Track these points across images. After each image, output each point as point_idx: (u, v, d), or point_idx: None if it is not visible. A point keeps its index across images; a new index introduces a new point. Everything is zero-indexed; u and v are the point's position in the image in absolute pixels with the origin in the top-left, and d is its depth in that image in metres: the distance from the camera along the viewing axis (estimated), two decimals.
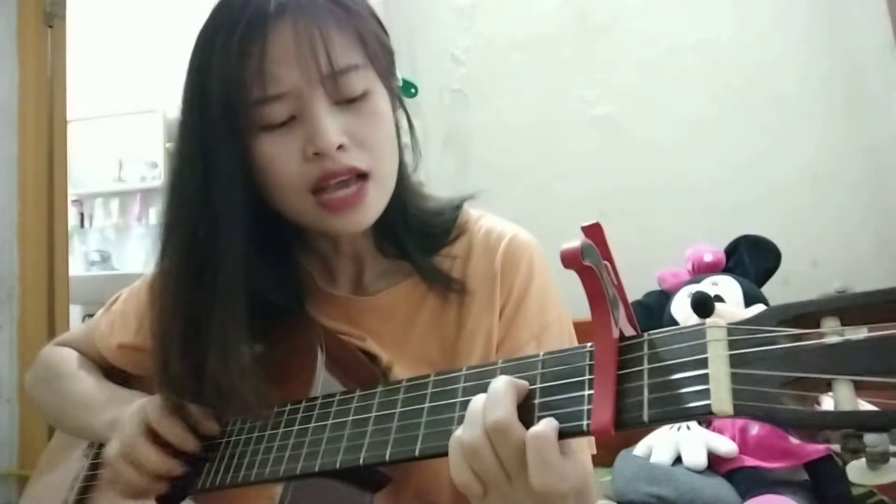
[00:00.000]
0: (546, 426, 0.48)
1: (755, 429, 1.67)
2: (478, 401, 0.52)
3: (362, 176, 0.70)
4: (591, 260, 0.45)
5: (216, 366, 0.67)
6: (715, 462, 1.68)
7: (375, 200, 0.72)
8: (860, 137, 2.24)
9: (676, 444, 1.71)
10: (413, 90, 0.79)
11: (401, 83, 0.86)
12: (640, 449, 1.78)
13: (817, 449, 1.59)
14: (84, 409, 0.83)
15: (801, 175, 2.28)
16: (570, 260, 0.44)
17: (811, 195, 2.27)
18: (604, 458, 1.84)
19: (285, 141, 0.69)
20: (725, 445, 1.67)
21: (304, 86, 0.68)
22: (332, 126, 0.68)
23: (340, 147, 0.68)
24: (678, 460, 1.69)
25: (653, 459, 1.72)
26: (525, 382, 0.52)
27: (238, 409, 0.70)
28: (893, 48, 2.15)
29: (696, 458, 1.66)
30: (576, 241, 0.44)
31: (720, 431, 1.73)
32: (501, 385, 0.51)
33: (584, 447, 0.72)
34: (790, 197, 2.28)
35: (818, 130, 2.29)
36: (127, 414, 0.74)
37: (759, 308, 1.90)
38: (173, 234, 0.73)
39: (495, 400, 0.50)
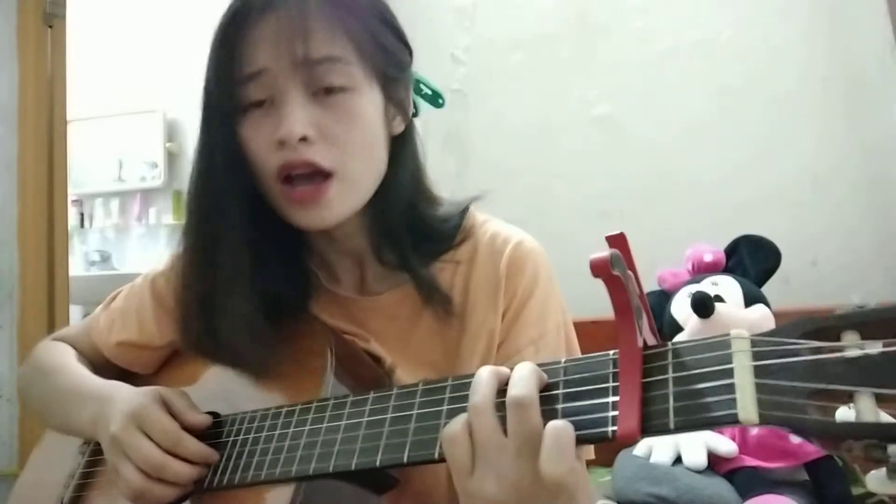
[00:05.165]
0: (567, 423, 0.49)
1: (755, 429, 1.67)
2: (483, 371, 0.53)
3: (326, 174, 0.70)
4: (618, 270, 0.46)
5: (230, 336, 0.73)
6: (715, 462, 1.68)
7: (339, 201, 0.72)
8: (860, 137, 2.25)
9: (676, 444, 1.71)
10: (441, 100, 0.79)
11: (429, 92, 0.86)
12: (640, 449, 1.78)
13: (817, 449, 1.60)
14: (69, 403, 0.81)
15: (801, 175, 2.29)
16: (600, 269, 0.45)
17: (811, 195, 2.28)
18: (604, 458, 1.83)
19: (261, 125, 0.71)
20: (725, 445, 1.67)
21: (276, 67, 0.69)
22: (299, 116, 0.68)
23: (305, 139, 0.68)
24: (678, 460, 1.69)
25: (653, 459, 1.72)
26: (545, 375, 0.53)
27: (248, 368, 0.75)
28: (893, 48, 2.17)
29: (696, 458, 1.66)
30: (604, 251, 0.45)
31: (720, 431, 1.73)
32: (527, 368, 0.51)
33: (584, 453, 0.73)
34: (790, 197, 2.29)
35: (818, 130, 2.29)
36: (116, 408, 0.73)
37: (759, 308, 1.87)
38: (190, 215, 0.78)
39: (520, 378, 0.50)
